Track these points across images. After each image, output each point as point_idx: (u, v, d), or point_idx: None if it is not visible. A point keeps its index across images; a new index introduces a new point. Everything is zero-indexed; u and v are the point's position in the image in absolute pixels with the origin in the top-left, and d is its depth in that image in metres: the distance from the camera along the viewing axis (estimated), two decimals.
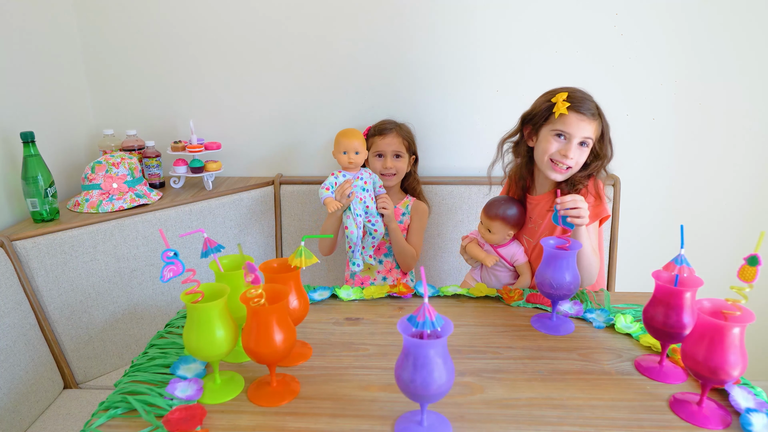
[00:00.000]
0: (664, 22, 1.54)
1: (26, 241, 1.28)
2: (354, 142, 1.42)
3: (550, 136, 1.17)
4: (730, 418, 0.74)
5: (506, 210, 1.24)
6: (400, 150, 1.50)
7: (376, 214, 1.47)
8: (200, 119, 1.72)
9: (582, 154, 1.16)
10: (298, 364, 0.90)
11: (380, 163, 1.51)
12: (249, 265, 0.76)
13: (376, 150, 1.51)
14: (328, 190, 1.41)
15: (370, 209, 1.45)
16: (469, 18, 1.59)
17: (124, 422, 0.77)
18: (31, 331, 1.27)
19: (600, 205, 1.18)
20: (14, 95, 1.44)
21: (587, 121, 1.14)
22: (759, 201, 1.68)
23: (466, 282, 1.39)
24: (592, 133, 1.15)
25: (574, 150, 1.15)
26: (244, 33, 1.65)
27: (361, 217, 1.44)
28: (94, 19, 1.66)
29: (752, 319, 0.70)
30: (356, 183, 1.43)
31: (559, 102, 1.15)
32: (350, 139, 1.42)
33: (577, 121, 1.14)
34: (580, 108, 1.14)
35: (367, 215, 1.46)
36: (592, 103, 1.16)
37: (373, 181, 1.48)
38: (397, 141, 1.50)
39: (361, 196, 1.44)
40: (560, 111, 1.14)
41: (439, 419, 0.75)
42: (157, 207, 1.50)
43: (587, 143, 1.16)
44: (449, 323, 0.68)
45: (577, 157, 1.16)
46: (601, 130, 1.18)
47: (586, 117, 1.14)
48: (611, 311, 1.03)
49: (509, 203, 1.26)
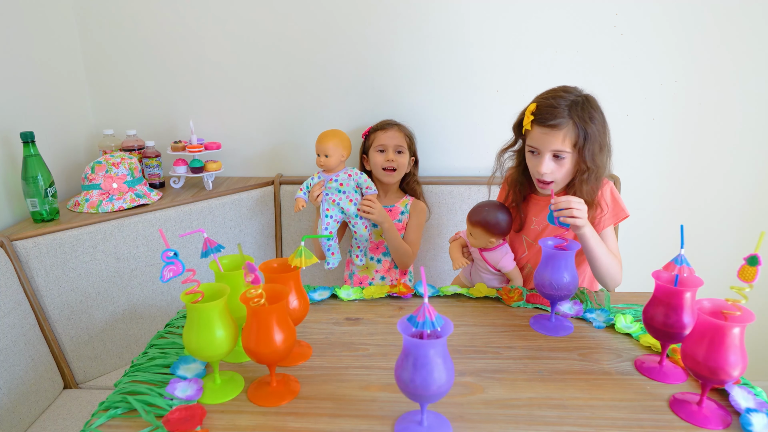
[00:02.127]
0: (664, 22, 1.54)
1: (26, 241, 1.28)
2: (324, 144, 1.45)
3: (528, 153, 1.15)
4: (730, 418, 0.74)
5: (488, 217, 1.20)
6: (402, 145, 1.50)
7: (356, 216, 1.47)
8: (200, 119, 1.72)
9: (561, 166, 1.10)
10: (298, 364, 0.90)
11: (382, 157, 1.50)
12: (249, 265, 0.76)
13: (378, 144, 1.51)
14: (302, 190, 1.46)
15: (347, 211, 1.46)
16: (469, 18, 1.59)
17: (124, 422, 0.77)
18: (31, 331, 1.27)
19: (616, 207, 1.18)
20: (14, 95, 1.44)
21: (552, 134, 1.07)
22: (759, 201, 1.68)
23: (458, 279, 1.39)
24: (563, 143, 1.08)
25: (546, 164, 1.10)
26: (244, 33, 1.65)
27: (333, 218, 1.46)
28: (94, 19, 1.66)
29: (752, 319, 0.69)
30: (330, 185, 1.45)
31: (526, 116, 1.11)
32: (321, 142, 1.46)
33: (540, 135, 1.09)
34: (545, 121, 1.08)
35: (347, 216, 1.47)
36: (560, 110, 1.07)
37: (357, 182, 1.47)
38: (400, 135, 1.50)
39: (336, 198, 1.45)
40: (525, 127, 1.11)
41: (439, 419, 0.75)
42: (157, 207, 1.50)
43: (561, 155, 1.09)
44: (449, 323, 0.68)
45: (555, 170, 1.11)
46: (576, 135, 1.08)
47: (551, 129, 1.07)
48: (611, 311, 1.03)
49: (494, 211, 1.20)
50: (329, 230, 1.46)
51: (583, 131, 1.08)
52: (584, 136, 1.08)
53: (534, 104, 1.12)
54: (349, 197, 1.46)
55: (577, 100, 1.10)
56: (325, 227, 1.46)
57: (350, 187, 1.46)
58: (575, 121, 1.08)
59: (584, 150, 1.08)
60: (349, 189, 1.46)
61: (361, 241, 1.52)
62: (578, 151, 1.09)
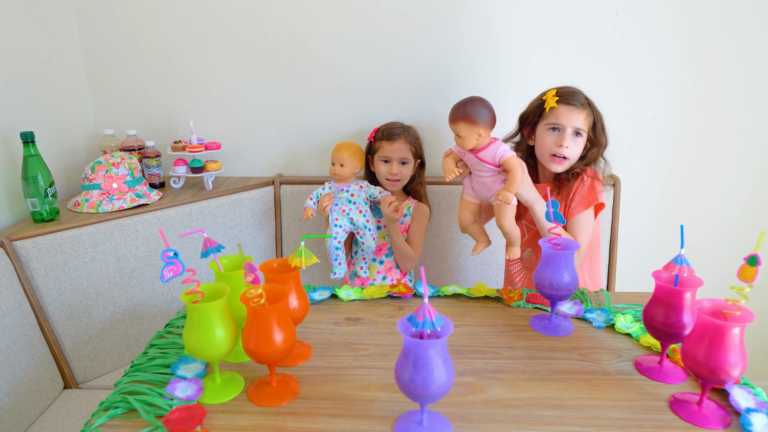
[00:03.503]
0: (664, 22, 1.54)
1: (26, 241, 1.28)
2: (341, 153, 1.47)
3: (546, 132, 1.25)
4: (730, 418, 0.74)
5: (467, 109, 1.14)
6: (407, 157, 1.51)
7: (365, 227, 1.49)
8: (200, 119, 1.72)
9: (577, 144, 1.23)
10: (298, 364, 0.90)
11: (386, 168, 1.51)
12: (249, 265, 0.76)
13: (382, 155, 1.50)
14: (311, 199, 1.48)
15: (356, 222, 1.48)
16: (469, 18, 1.59)
17: (124, 422, 0.77)
18: (31, 331, 1.27)
19: (591, 194, 1.23)
20: (14, 95, 1.44)
21: (577, 111, 1.22)
22: (759, 201, 1.68)
23: (465, 202, 1.29)
24: (584, 123, 1.23)
25: (568, 139, 1.22)
26: (244, 33, 1.65)
27: (342, 228, 1.47)
28: (94, 19, 1.66)
29: (752, 319, 0.69)
30: (341, 195, 1.48)
31: (549, 97, 1.24)
32: (338, 151, 1.48)
33: (567, 112, 1.22)
34: (569, 100, 1.22)
35: (355, 227, 1.49)
36: (580, 95, 1.24)
37: (369, 193, 1.50)
38: (405, 147, 1.50)
39: (345, 208, 1.47)
40: (550, 105, 1.23)
41: (439, 419, 0.75)
42: (157, 207, 1.50)
43: (581, 133, 1.23)
44: (449, 323, 0.68)
45: (573, 146, 1.23)
46: (593, 120, 1.25)
47: (576, 107, 1.22)
48: (611, 311, 1.03)
49: (470, 101, 1.16)
50: (338, 239, 1.48)
51: (596, 118, 1.26)
52: (595, 122, 1.25)
53: (553, 90, 1.25)
54: (359, 208, 1.48)
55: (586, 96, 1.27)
56: (334, 236, 1.48)
57: (361, 198, 1.49)
58: (591, 108, 1.25)
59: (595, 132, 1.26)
60: (359, 200, 1.48)
61: (368, 253, 1.53)
62: (591, 133, 1.25)
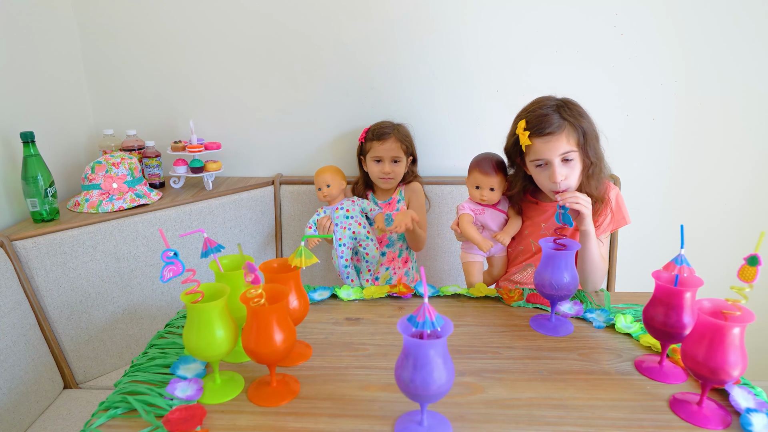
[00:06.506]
0: (664, 22, 1.54)
1: (26, 241, 1.28)
2: (323, 175, 1.53)
3: (535, 170, 1.15)
4: (730, 418, 0.74)
5: (501, 161, 1.26)
6: (399, 155, 1.51)
7: (366, 238, 1.52)
8: (200, 119, 1.72)
9: (572, 168, 1.11)
10: (298, 364, 0.90)
11: (378, 167, 1.52)
12: (249, 265, 0.76)
13: (374, 155, 1.51)
14: (310, 228, 1.52)
15: (358, 234, 1.51)
16: (469, 18, 1.58)
17: (124, 422, 0.77)
18: (31, 331, 1.27)
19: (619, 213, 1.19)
20: (14, 95, 1.44)
21: (555, 139, 1.08)
22: (759, 201, 1.68)
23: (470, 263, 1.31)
24: (568, 145, 1.09)
25: (559, 171, 1.10)
26: (244, 33, 1.65)
27: (346, 245, 1.51)
28: (94, 19, 1.66)
29: (752, 319, 0.70)
30: (337, 214, 1.52)
31: (520, 134, 1.12)
32: (319, 175, 1.54)
33: (544, 145, 1.09)
34: (542, 130, 1.09)
35: (358, 240, 1.52)
36: (552, 116, 1.09)
37: (361, 206, 1.54)
38: (396, 146, 1.50)
39: (345, 225, 1.51)
40: (525, 143, 1.11)
41: (439, 419, 0.75)
42: (157, 207, 1.50)
43: (570, 157, 1.10)
44: (449, 323, 0.68)
45: (569, 174, 1.11)
46: (579, 134, 1.10)
47: (553, 135, 1.08)
48: (611, 311, 1.03)
49: (495, 155, 1.27)
50: (344, 258, 1.51)
51: (581, 128, 1.10)
52: (582, 133, 1.10)
53: (522, 120, 1.12)
54: (357, 221, 1.52)
55: (560, 104, 1.12)
56: (341, 255, 1.51)
57: (356, 211, 1.53)
58: (570, 122, 1.10)
59: (587, 147, 1.11)
60: (356, 213, 1.53)
61: (373, 263, 1.55)
62: (581, 149, 1.11)
